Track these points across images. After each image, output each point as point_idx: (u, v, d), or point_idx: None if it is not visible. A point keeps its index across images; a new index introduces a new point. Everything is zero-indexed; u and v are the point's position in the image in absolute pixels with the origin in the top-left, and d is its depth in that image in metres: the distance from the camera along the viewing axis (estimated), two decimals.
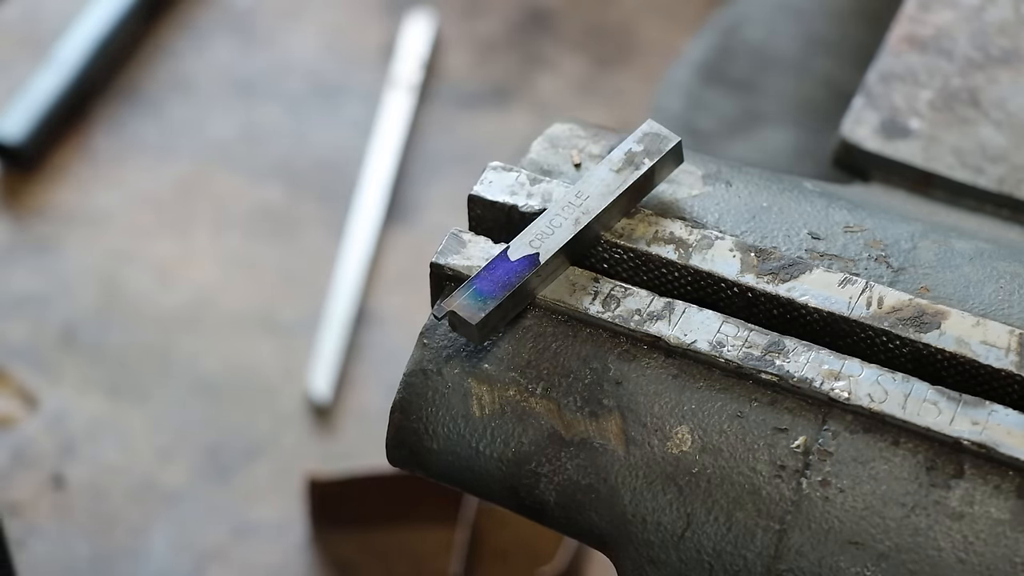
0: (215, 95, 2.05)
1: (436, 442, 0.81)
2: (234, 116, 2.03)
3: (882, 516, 0.76)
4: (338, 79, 2.07)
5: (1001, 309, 0.81)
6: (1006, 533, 0.75)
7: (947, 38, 1.04)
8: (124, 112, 2.04)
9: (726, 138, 1.40)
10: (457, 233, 0.85)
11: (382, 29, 2.12)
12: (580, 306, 0.82)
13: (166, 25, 2.12)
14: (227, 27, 2.13)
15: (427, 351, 0.83)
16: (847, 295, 0.81)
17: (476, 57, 2.09)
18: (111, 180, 1.96)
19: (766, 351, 0.79)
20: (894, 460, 0.76)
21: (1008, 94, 1.01)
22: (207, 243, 1.90)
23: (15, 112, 1.98)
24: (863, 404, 0.77)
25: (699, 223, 0.85)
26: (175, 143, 2.00)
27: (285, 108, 2.03)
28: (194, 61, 2.09)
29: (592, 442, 0.80)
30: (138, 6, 2.10)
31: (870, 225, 0.85)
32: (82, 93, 2.02)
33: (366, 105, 2.04)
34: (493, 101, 2.04)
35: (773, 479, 0.77)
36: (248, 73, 2.07)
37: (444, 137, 2.02)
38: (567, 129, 0.91)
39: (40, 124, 1.97)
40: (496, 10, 2.14)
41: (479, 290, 0.81)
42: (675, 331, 0.80)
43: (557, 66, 2.07)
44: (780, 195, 0.87)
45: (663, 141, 0.85)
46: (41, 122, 1.98)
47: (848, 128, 1.01)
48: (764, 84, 1.43)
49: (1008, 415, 0.76)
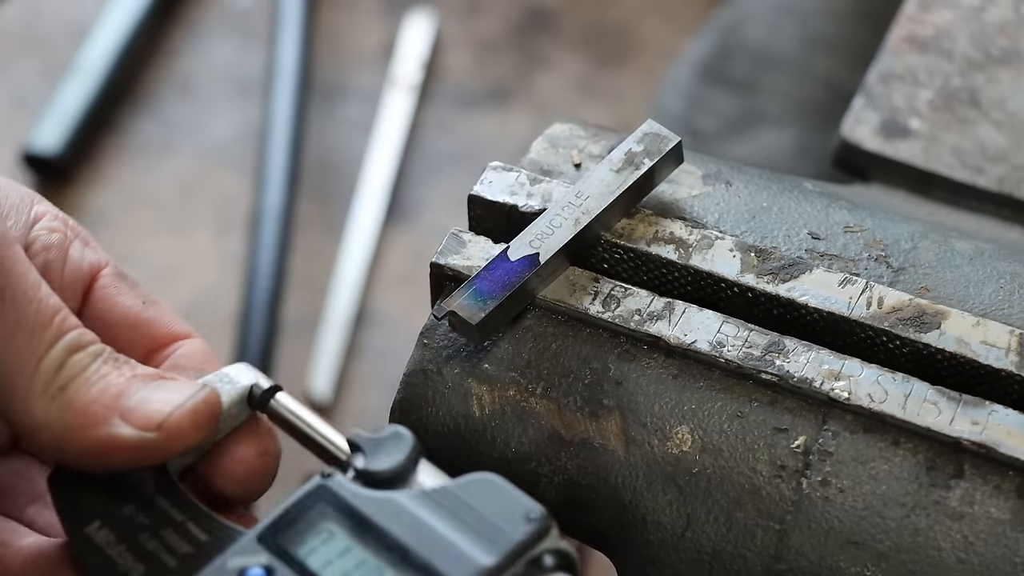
0: (215, 95, 2.05)
1: (436, 442, 0.81)
2: (234, 116, 2.03)
3: (882, 516, 0.76)
4: (338, 79, 2.07)
5: (1001, 309, 0.81)
6: (1006, 533, 0.75)
7: (947, 38, 1.04)
8: (124, 112, 2.04)
9: (726, 138, 1.40)
10: (457, 233, 0.85)
11: (382, 29, 2.12)
12: (580, 306, 0.82)
13: (166, 25, 2.12)
14: (227, 27, 2.13)
15: (427, 351, 0.83)
16: (847, 295, 0.81)
17: (476, 57, 2.09)
18: (111, 180, 1.96)
19: (766, 351, 0.79)
20: (894, 460, 0.77)
21: (1008, 94, 1.01)
22: (207, 243, 1.90)
23: (48, 124, 1.98)
24: (863, 404, 0.77)
25: (699, 223, 0.85)
26: (175, 143, 2.00)
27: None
28: (194, 61, 2.09)
29: (592, 442, 0.80)
30: (152, 10, 2.10)
31: (870, 225, 0.86)
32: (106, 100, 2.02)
33: (366, 105, 2.04)
34: (493, 101, 2.04)
35: (773, 479, 0.77)
36: (248, 73, 2.07)
37: (444, 137, 2.02)
38: (567, 129, 0.91)
39: (73, 134, 1.98)
40: (496, 10, 2.14)
41: (479, 290, 0.81)
42: (675, 331, 0.80)
43: (557, 66, 2.07)
44: (780, 195, 0.87)
45: (663, 141, 0.85)
46: (73, 132, 1.98)
47: (848, 128, 1.01)
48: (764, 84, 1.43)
49: (1008, 415, 0.76)
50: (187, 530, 0.75)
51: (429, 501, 0.73)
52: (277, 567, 0.72)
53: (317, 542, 0.73)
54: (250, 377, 0.80)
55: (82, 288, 0.82)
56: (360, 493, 0.74)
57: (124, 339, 0.81)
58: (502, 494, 0.72)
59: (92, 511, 0.76)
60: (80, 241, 0.82)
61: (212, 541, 0.75)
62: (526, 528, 0.71)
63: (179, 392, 0.75)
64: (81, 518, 0.76)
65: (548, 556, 0.71)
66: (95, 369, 0.74)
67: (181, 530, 0.75)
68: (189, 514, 0.76)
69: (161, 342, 0.82)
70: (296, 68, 1.99)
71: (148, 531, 0.75)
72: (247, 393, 0.79)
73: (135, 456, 0.74)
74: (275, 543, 0.73)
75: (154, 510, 0.76)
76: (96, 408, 0.73)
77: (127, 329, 0.82)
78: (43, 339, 0.73)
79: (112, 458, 0.74)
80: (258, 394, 0.79)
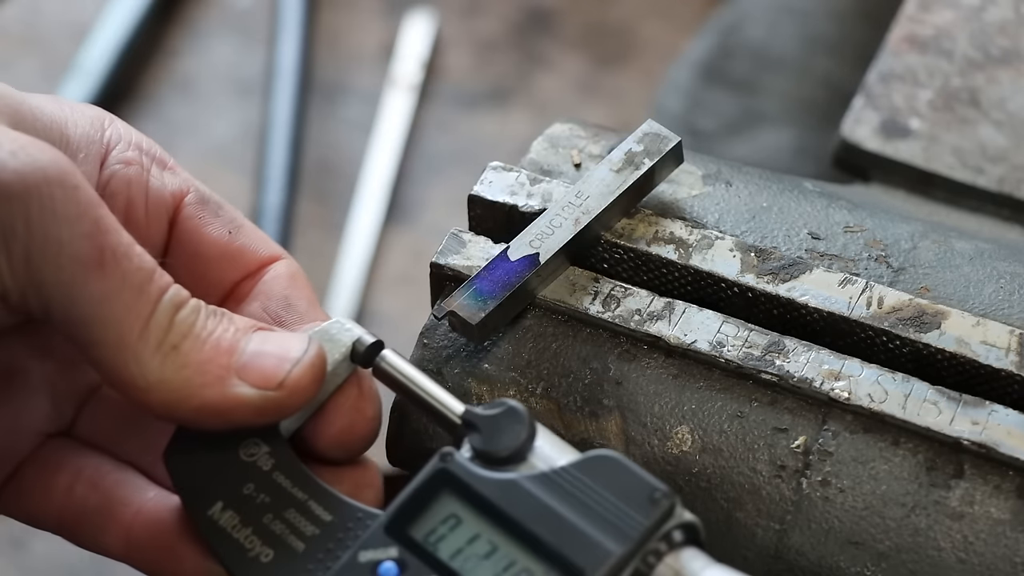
0: (215, 95, 2.05)
1: (436, 442, 0.81)
2: (234, 116, 2.03)
3: (882, 516, 0.76)
4: (338, 79, 2.07)
5: (1001, 309, 0.81)
6: (1006, 533, 0.75)
7: (947, 38, 1.04)
8: (124, 112, 2.04)
9: (726, 138, 1.40)
10: (457, 233, 0.85)
11: (382, 29, 2.12)
12: (580, 306, 0.82)
13: (166, 25, 2.12)
14: (227, 27, 2.13)
15: (427, 351, 0.83)
16: (847, 295, 0.81)
17: (476, 57, 2.09)
18: None
19: (766, 351, 0.79)
20: (894, 460, 0.77)
21: (1008, 94, 1.01)
22: None
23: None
24: (863, 404, 0.77)
25: (699, 223, 0.85)
26: (175, 143, 2.00)
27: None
28: (194, 61, 2.09)
29: (592, 442, 0.80)
30: (152, 10, 2.10)
31: (870, 225, 0.85)
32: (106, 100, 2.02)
33: (366, 105, 2.04)
34: (493, 101, 2.04)
35: (773, 479, 0.77)
36: (248, 73, 2.07)
37: (444, 137, 2.02)
38: (567, 129, 0.91)
39: None
40: (496, 10, 2.14)
41: (479, 290, 0.81)
42: (675, 331, 0.80)
43: (557, 66, 2.07)
44: (780, 195, 0.87)
45: (663, 141, 0.85)
46: None
47: (848, 128, 1.01)
48: (764, 84, 1.43)
49: (1008, 415, 0.76)
50: (310, 510, 0.74)
51: (551, 484, 0.72)
52: (408, 560, 0.71)
53: (445, 529, 0.72)
54: (352, 332, 0.78)
55: (167, 220, 0.79)
56: (481, 475, 0.73)
57: (214, 272, 0.80)
58: (624, 473, 0.71)
59: (212, 491, 0.75)
60: (158, 165, 0.80)
61: (336, 521, 0.74)
62: (654, 511, 0.70)
63: (291, 347, 0.74)
64: (202, 498, 0.75)
65: (676, 531, 0.71)
66: (202, 325, 0.73)
67: (305, 510, 0.74)
68: (310, 492, 0.75)
69: (250, 270, 0.80)
70: (296, 68, 1.98)
71: (272, 512, 0.74)
72: (350, 349, 0.77)
73: (255, 415, 0.73)
74: (403, 533, 0.72)
75: (274, 488, 0.75)
76: (213, 367, 0.72)
77: (216, 261, 0.80)
78: (149, 296, 0.71)
79: (231, 418, 0.73)
80: (362, 350, 0.77)
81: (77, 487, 0.78)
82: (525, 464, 0.73)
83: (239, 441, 0.76)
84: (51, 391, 0.79)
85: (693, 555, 0.71)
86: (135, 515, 0.76)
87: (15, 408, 0.78)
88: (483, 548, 0.71)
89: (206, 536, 0.75)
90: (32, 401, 0.79)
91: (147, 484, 0.78)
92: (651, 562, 0.70)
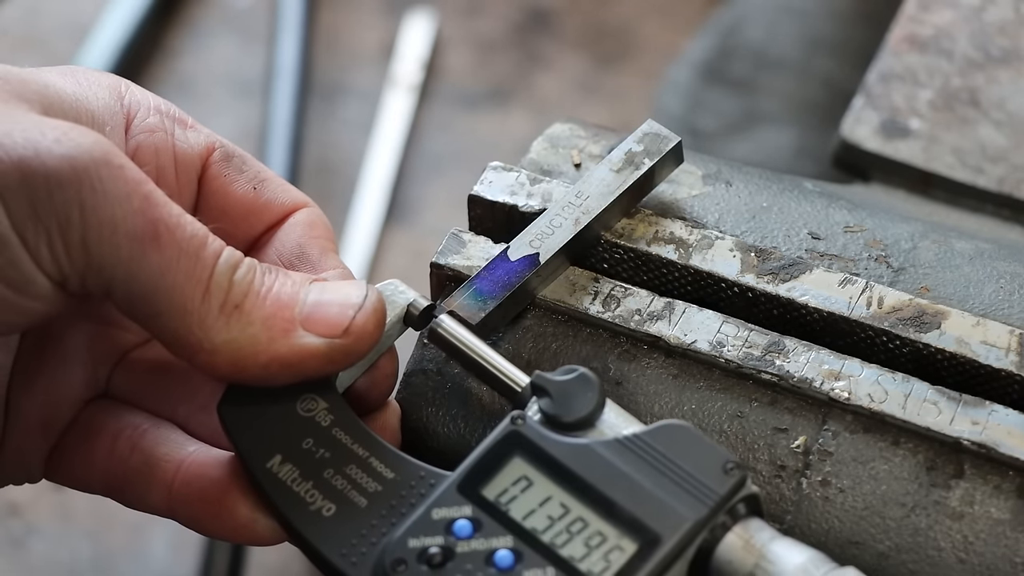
0: (215, 95, 2.05)
1: (436, 442, 0.81)
2: (234, 116, 2.03)
3: (882, 516, 0.76)
4: (338, 79, 2.07)
5: (1001, 309, 0.81)
6: (1006, 533, 0.75)
7: (947, 38, 1.04)
8: None
9: (726, 138, 1.40)
10: (457, 233, 0.85)
11: (382, 29, 2.12)
12: (580, 306, 0.82)
13: (166, 25, 2.12)
14: (227, 27, 2.13)
15: (427, 351, 0.83)
16: (847, 295, 0.81)
17: (476, 57, 2.09)
18: None
19: (766, 351, 0.79)
20: (894, 460, 0.77)
21: (1008, 94, 1.01)
22: None
23: None
24: (863, 404, 0.77)
25: (699, 223, 0.85)
26: None
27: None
28: (194, 61, 2.09)
29: None
30: (152, 10, 2.10)
31: (870, 225, 0.86)
32: None
33: (366, 105, 2.04)
34: (493, 101, 2.04)
35: (773, 479, 0.77)
36: (248, 73, 2.07)
37: (444, 137, 2.02)
38: (567, 129, 0.91)
39: None
40: (496, 10, 2.14)
41: (479, 290, 0.81)
42: (675, 331, 0.80)
43: (557, 66, 2.07)
44: (780, 195, 0.87)
45: (663, 141, 0.85)
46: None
47: (848, 128, 1.01)
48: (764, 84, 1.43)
49: (1008, 415, 0.76)
50: (372, 467, 0.74)
51: (624, 450, 0.72)
52: (482, 519, 0.72)
53: (516, 491, 0.72)
54: (407, 295, 0.78)
55: (196, 180, 0.80)
56: (553, 439, 0.73)
57: (242, 227, 0.81)
58: (696, 443, 0.72)
59: (270, 444, 0.75)
60: (180, 126, 0.80)
61: (399, 479, 0.74)
62: (728, 480, 0.71)
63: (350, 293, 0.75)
64: (260, 452, 0.74)
65: (741, 504, 0.72)
66: (260, 282, 0.74)
67: (366, 466, 0.74)
68: (371, 449, 0.75)
69: (273, 221, 0.81)
70: (296, 68, 1.98)
71: (332, 467, 0.74)
72: (404, 311, 0.78)
73: (324, 365, 0.73)
74: (475, 492, 0.72)
75: (334, 444, 0.75)
76: (277, 321, 0.73)
77: (242, 216, 0.81)
78: (206, 262, 0.72)
79: (300, 369, 0.73)
80: (416, 313, 0.78)
81: (118, 449, 0.78)
82: (594, 431, 0.73)
83: (296, 396, 0.76)
84: (86, 356, 0.80)
85: (760, 526, 0.72)
86: (177, 471, 0.77)
87: (55, 378, 0.79)
88: (555, 510, 0.72)
89: (265, 489, 0.74)
90: (69, 369, 0.80)
91: (185, 439, 0.78)
92: (718, 534, 0.71)
